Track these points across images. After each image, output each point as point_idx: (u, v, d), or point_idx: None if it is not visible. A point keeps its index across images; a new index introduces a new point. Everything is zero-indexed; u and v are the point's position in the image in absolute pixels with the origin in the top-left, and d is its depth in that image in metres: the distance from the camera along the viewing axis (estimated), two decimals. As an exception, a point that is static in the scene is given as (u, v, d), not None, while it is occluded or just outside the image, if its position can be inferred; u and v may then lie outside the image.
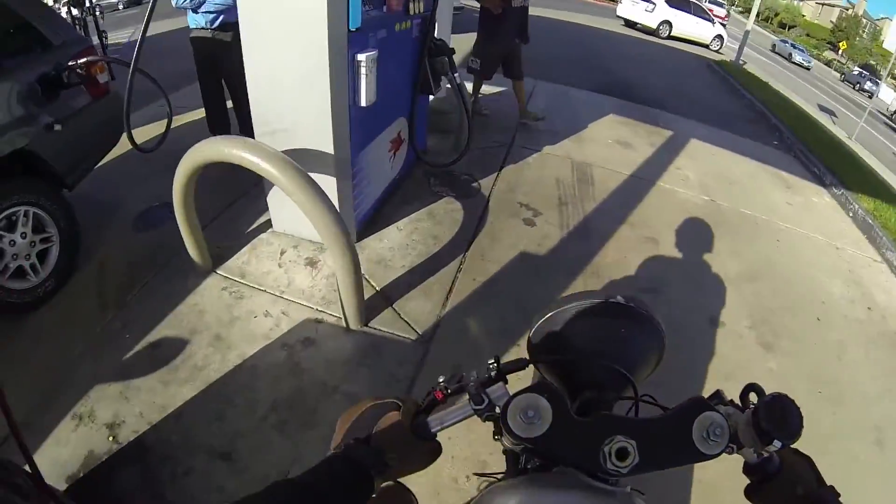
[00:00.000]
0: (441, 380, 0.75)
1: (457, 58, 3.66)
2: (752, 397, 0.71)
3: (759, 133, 7.82)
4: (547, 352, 0.97)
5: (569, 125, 5.71)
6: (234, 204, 3.42)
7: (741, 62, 14.54)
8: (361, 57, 2.47)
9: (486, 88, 5.92)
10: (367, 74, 2.52)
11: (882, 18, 71.23)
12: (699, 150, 5.99)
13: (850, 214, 5.44)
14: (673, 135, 6.25)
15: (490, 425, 0.77)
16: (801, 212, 5.09)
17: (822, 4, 64.21)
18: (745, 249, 4.00)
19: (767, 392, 0.69)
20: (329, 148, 2.53)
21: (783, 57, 30.04)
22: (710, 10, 21.23)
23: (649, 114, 6.96)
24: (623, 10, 18.72)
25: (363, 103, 2.59)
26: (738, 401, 0.73)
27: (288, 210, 2.70)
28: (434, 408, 0.76)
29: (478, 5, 4.71)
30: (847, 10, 68.09)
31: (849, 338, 3.35)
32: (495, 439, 0.82)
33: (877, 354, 3.28)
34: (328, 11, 2.14)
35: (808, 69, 29.18)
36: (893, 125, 19.97)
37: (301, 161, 2.16)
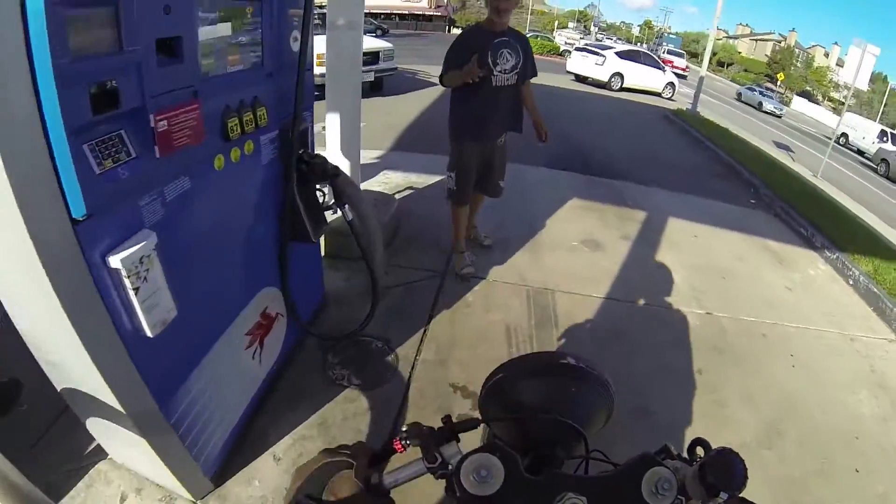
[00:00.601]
0: (404, 429, 0.77)
1: (390, 137, 2.67)
2: (700, 451, 0.75)
3: (733, 191, 7.37)
4: (498, 410, 0.97)
5: (522, 224, 4.63)
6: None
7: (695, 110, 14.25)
8: (119, 259, 1.32)
9: (411, 178, 4.91)
10: (140, 285, 1.39)
11: (812, 46, 75.58)
12: (678, 233, 5.21)
13: (851, 282, 5.08)
14: (646, 217, 5.43)
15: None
16: (804, 296, 4.52)
17: (756, 40, 67.25)
18: (758, 387, 3.15)
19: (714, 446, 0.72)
20: (113, 402, 1.46)
21: (752, 106, 27.92)
22: (670, 62, 21.65)
23: (615, 189, 6.17)
24: (572, 65, 18.66)
25: (149, 332, 1.45)
26: (685, 454, 0.77)
27: (122, 438, 1.66)
28: (389, 456, 0.79)
29: (415, 67, 3.73)
30: (779, 42, 71.77)
31: (893, 482, 2.70)
32: (448, 495, 0.75)
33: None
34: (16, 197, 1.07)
35: (780, 117, 27.04)
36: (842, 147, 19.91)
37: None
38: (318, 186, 2.38)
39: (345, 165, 3.59)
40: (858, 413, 3.19)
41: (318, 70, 3.83)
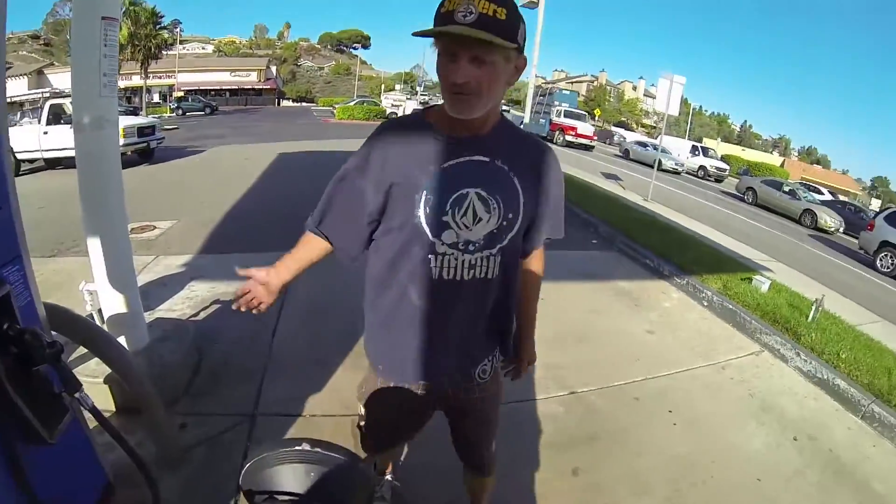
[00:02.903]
0: None
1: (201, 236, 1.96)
2: None
3: (574, 234, 7.18)
4: (259, 497, 0.95)
5: (345, 324, 3.52)
6: None
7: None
8: None
9: (220, 289, 4.01)
10: None
11: (621, 82, 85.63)
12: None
13: (706, 304, 5.19)
14: None
15: None
16: (666, 335, 4.37)
17: (572, 82, 74.21)
18: (645, 466, 2.74)
19: None
20: None
21: (647, 165, 18.80)
22: (571, 130, 22.78)
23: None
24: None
25: None
26: None
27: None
28: None
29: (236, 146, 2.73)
30: (592, 82, 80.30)
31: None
32: None
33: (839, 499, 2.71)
34: None
35: (679, 173, 24.00)
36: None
37: None
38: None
39: (118, 301, 2.75)
40: (752, 450, 3.01)
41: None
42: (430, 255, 1.34)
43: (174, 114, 36.36)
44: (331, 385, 3.04)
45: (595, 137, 26.86)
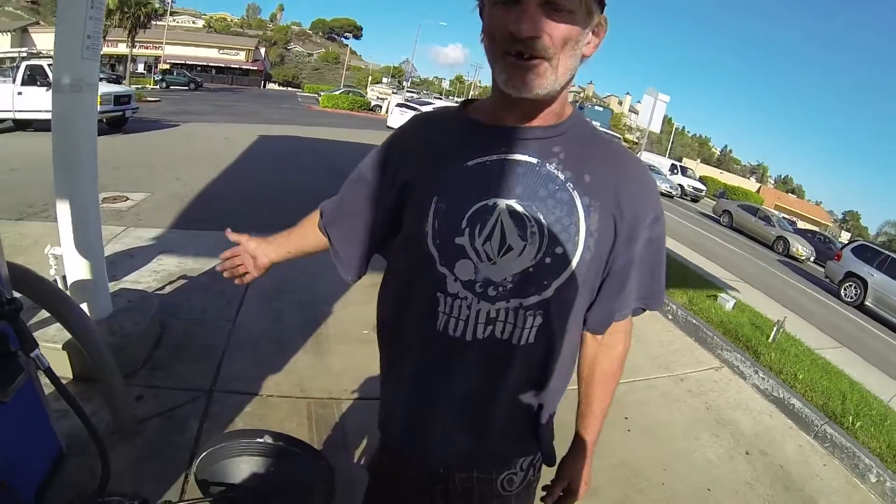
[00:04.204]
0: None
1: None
2: None
3: None
4: (214, 487, 0.90)
5: (305, 314, 3.63)
6: None
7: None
8: None
9: (187, 264, 3.99)
10: None
11: (608, 96, 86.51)
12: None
13: (671, 317, 5.11)
14: None
15: None
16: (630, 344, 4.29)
17: (561, 90, 74.89)
18: (597, 469, 2.72)
19: None
20: None
21: None
22: None
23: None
24: (393, 121, 18.95)
25: None
26: None
27: None
28: None
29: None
30: (580, 93, 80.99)
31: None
32: None
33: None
34: None
35: (672, 197, 23.53)
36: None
37: None
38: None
39: (83, 267, 2.69)
40: (705, 460, 3.07)
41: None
42: (438, 294, 0.91)
43: (157, 86, 35.61)
44: (289, 367, 3.02)
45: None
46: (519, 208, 0.86)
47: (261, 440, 0.87)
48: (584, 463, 1.13)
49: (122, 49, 38.34)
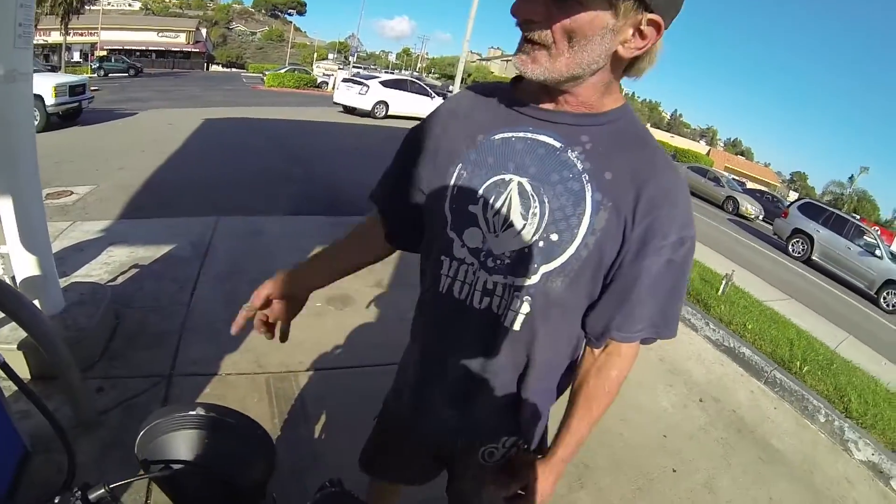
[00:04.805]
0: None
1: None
2: None
3: None
4: (154, 465, 0.87)
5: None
6: None
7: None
8: None
9: (139, 253, 3.90)
10: None
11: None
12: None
13: None
14: (401, 255, 4.78)
15: None
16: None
17: (507, 60, 74.44)
18: (554, 424, 2.80)
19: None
20: None
21: None
22: None
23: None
24: (339, 97, 18.44)
25: None
26: None
27: None
28: None
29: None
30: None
31: (709, 464, 2.84)
32: None
33: (739, 459, 2.93)
34: None
35: None
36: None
37: None
38: None
39: (31, 264, 2.60)
40: (660, 409, 3.22)
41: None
42: (443, 258, 0.95)
43: (95, 74, 33.99)
44: (245, 345, 3.02)
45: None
46: (528, 187, 0.88)
47: (193, 412, 0.88)
48: (548, 474, 1.05)
49: (55, 37, 36.38)
